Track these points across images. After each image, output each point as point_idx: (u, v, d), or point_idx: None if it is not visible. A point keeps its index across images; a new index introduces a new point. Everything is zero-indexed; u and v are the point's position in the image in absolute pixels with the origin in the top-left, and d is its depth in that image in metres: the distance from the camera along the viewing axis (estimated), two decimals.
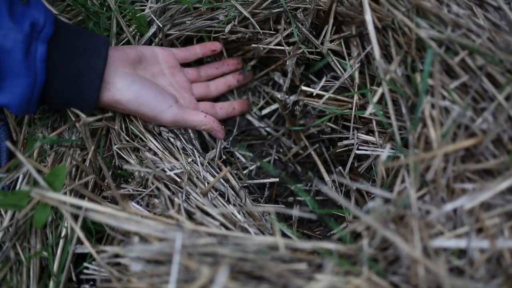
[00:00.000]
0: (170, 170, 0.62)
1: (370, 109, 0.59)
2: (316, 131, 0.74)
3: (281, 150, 0.76)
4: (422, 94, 0.56)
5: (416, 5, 0.57)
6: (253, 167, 0.74)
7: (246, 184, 0.72)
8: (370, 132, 0.67)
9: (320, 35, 0.67)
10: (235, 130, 0.75)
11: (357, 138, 0.67)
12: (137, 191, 0.63)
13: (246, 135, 0.77)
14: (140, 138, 0.66)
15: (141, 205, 0.61)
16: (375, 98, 0.59)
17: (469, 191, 0.53)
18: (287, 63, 0.71)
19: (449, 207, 0.52)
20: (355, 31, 0.63)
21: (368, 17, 0.58)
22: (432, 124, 0.55)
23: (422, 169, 0.55)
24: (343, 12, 0.64)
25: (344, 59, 0.66)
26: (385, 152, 0.55)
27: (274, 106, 0.76)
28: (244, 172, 0.74)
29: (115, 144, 0.66)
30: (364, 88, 0.64)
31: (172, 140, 0.66)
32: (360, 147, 0.66)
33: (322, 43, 0.67)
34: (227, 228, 0.58)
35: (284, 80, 0.74)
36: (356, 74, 0.62)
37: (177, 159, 0.64)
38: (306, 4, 0.67)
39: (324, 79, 0.68)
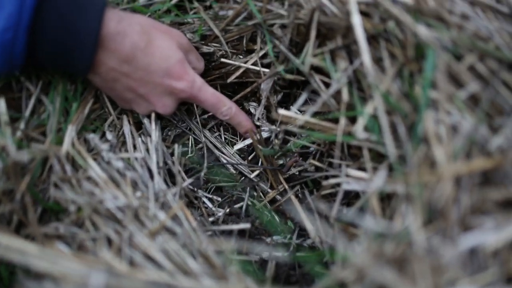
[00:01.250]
0: (111, 203, 0.50)
1: (360, 125, 0.48)
2: (297, 171, 0.64)
3: (255, 194, 0.65)
4: (423, 107, 0.46)
5: (413, 7, 0.49)
6: (220, 213, 0.62)
7: (210, 232, 0.59)
8: (361, 169, 0.55)
9: (301, 53, 0.58)
10: (204, 166, 0.64)
11: (346, 174, 0.55)
12: (70, 230, 0.51)
13: (213, 175, 0.65)
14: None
15: (70, 246, 0.49)
16: (366, 114, 0.49)
17: (488, 225, 0.41)
18: (262, 87, 0.62)
19: (465, 244, 0.40)
20: (341, 42, 0.54)
21: (356, 19, 0.50)
22: (437, 143, 0.44)
23: (428, 197, 0.43)
24: (326, 21, 0.55)
25: (329, 77, 0.57)
26: (378, 179, 0.43)
27: (247, 141, 0.66)
28: (210, 219, 0.61)
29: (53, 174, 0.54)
30: (353, 110, 0.54)
31: (121, 169, 0.55)
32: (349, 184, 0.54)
33: (303, 63, 0.58)
34: (174, 276, 0.44)
35: (259, 110, 0.64)
36: (345, 90, 0.52)
37: (124, 192, 0.52)
38: (284, 20, 0.59)
39: (303, 96, 0.58)
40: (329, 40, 0.56)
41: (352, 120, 0.55)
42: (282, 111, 0.56)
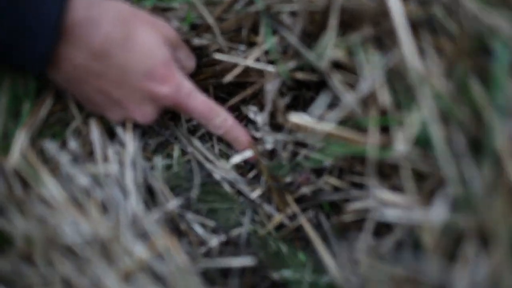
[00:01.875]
0: (72, 232, 0.37)
1: (401, 136, 0.37)
2: (310, 191, 0.53)
3: (258, 218, 0.53)
4: (492, 116, 0.34)
5: None
6: (215, 242, 0.50)
7: (202, 269, 0.47)
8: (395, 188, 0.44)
9: (313, 47, 0.47)
10: (194, 182, 0.53)
11: (376, 197, 0.44)
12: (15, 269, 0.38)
13: (206, 194, 0.53)
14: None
15: None
16: (415, 121, 0.37)
17: None
18: (267, 88, 0.51)
19: None
20: (371, 31, 0.43)
21: (394, 2, 0.39)
22: None
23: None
24: (350, 6, 0.44)
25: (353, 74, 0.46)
26: (438, 209, 0.32)
27: (248, 153, 0.54)
28: (202, 249, 0.50)
29: None
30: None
31: (86, 187, 0.42)
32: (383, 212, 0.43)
33: (319, 57, 0.47)
34: None
35: (263, 116, 0.53)
36: (383, 91, 0.41)
37: (89, 217, 0.40)
38: (294, 6, 0.49)
39: (322, 99, 0.47)
40: (353, 30, 0.45)
41: (383, 130, 0.44)
42: (294, 117, 0.45)
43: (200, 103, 0.51)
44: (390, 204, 0.43)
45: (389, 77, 0.42)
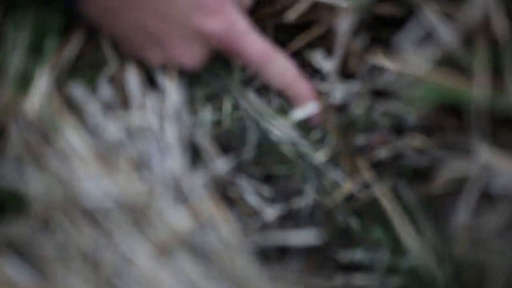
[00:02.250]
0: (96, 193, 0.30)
1: None
2: (388, 154, 0.44)
3: (324, 187, 0.45)
4: None
5: None
6: (271, 214, 0.42)
7: (256, 245, 0.40)
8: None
9: None
10: (247, 141, 0.46)
11: (479, 160, 0.35)
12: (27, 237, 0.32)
13: (261, 156, 0.46)
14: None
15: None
16: None
17: None
18: (338, 27, 0.42)
19: None
20: None
21: None
22: None
23: None
24: None
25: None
26: None
27: (312, 107, 0.46)
28: (256, 222, 0.43)
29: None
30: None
31: (118, 141, 0.36)
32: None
33: None
34: None
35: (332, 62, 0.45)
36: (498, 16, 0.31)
37: (118, 175, 0.33)
38: None
39: (410, 32, 0.38)
40: None
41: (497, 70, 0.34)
42: (374, 58, 0.36)
43: (256, 45, 0.44)
44: (500, 170, 0.34)
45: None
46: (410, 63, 0.39)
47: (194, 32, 0.42)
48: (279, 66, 0.45)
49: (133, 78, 0.42)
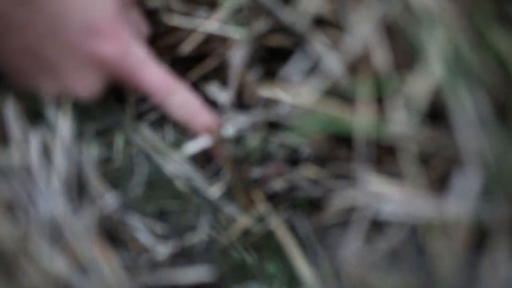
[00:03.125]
0: None
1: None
2: (283, 186, 0.44)
3: (219, 221, 0.45)
4: None
5: None
6: (163, 252, 0.41)
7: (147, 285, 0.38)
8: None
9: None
10: (138, 177, 0.44)
11: (367, 188, 0.37)
12: None
13: (155, 192, 0.45)
14: None
15: None
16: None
17: None
18: (232, 59, 0.43)
19: None
20: None
21: None
22: None
23: None
24: None
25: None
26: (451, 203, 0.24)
27: (204, 141, 0.45)
28: (147, 261, 0.41)
29: None
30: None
31: None
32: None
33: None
34: None
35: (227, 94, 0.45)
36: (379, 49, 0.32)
37: None
38: None
39: (297, 59, 0.40)
40: None
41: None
42: (266, 90, 0.37)
43: (156, 75, 0.43)
44: (387, 197, 0.35)
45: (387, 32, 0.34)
46: (300, 94, 0.40)
47: (88, 58, 0.40)
48: (181, 98, 0.44)
49: (12, 113, 0.40)
